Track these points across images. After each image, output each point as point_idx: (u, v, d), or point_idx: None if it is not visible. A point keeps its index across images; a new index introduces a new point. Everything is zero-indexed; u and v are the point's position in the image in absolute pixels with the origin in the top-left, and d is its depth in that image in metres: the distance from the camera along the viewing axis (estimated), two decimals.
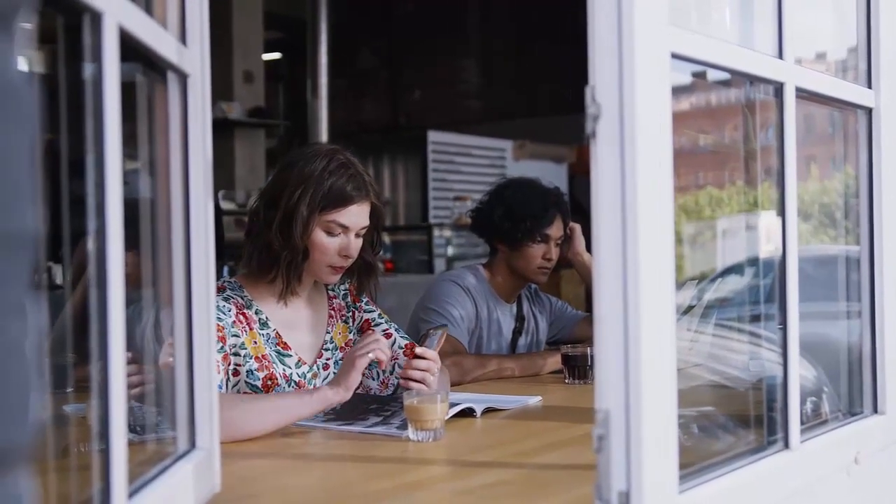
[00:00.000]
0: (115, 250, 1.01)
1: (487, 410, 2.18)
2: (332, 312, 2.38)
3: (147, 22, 1.16)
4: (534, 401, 2.35)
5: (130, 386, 1.42)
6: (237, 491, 1.50)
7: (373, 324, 2.41)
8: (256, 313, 2.22)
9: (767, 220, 1.87)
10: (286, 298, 2.25)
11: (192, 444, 1.37)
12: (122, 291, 1.03)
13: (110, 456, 1.01)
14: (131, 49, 1.11)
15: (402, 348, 2.36)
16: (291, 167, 2.19)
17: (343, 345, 2.36)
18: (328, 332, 2.35)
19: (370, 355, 2.00)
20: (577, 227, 3.11)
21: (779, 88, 1.52)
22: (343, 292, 2.43)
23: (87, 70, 1.02)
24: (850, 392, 1.87)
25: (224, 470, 1.45)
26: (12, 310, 0.56)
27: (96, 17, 0.99)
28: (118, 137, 1.03)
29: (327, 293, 2.40)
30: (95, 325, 1.00)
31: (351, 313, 2.41)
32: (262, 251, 2.19)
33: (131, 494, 1.08)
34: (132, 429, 1.25)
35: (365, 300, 2.45)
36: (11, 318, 0.56)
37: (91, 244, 1.02)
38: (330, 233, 2.19)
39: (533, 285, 3.18)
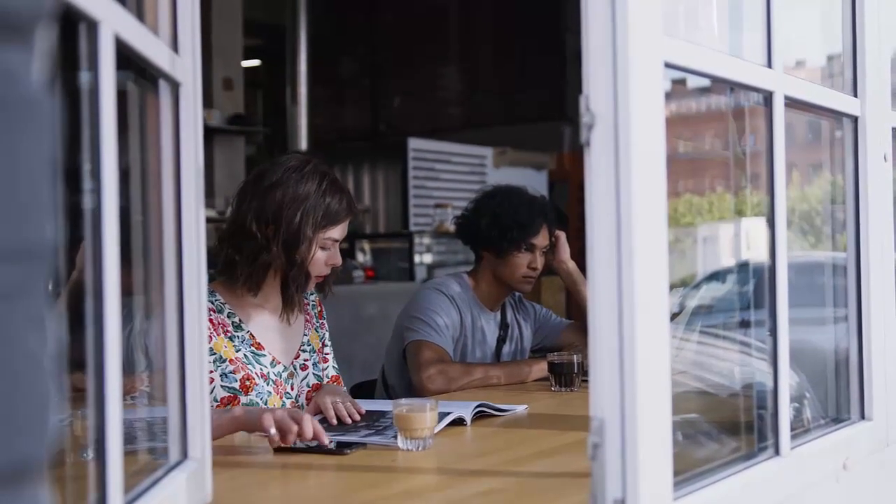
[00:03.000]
0: (110, 258, 1.01)
1: (479, 415, 2.18)
2: (308, 317, 2.46)
3: (142, 31, 1.16)
4: (521, 409, 2.35)
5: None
6: (228, 501, 1.49)
7: (326, 341, 2.52)
8: (229, 316, 2.27)
9: (749, 226, 1.88)
10: (288, 316, 2.33)
11: (184, 455, 1.36)
12: (118, 300, 1.02)
13: (106, 467, 1.00)
14: (124, 57, 1.10)
15: (328, 378, 2.43)
16: (284, 186, 2.23)
17: (318, 349, 2.45)
18: (305, 335, 2.42)
19: (272, 432, 1.82)
20: (562, 235, 3.12)
21: (768, 97, 1.53)
22: (312, 302, 2.50)
23: (83, 78, 1.01)
24: (838, 398, 1.88)
25: (215, 480, 1.44)
26: (32, 321, 0.55)
27: (92, 26, 0.99)
28: (114, 145, 1.02)
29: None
30: (91, 334, 0.99)
31: (320, 323, 2.51)
32: (261, 270, 2.25)
33: None
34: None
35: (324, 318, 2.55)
36: (31, 329, 0.55)
37: (86, 253, 1.01)
38: (324, 248, 2.29)
39: (517, 293, 3.18)
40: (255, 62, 10.39)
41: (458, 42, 9.98)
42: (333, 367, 2.51)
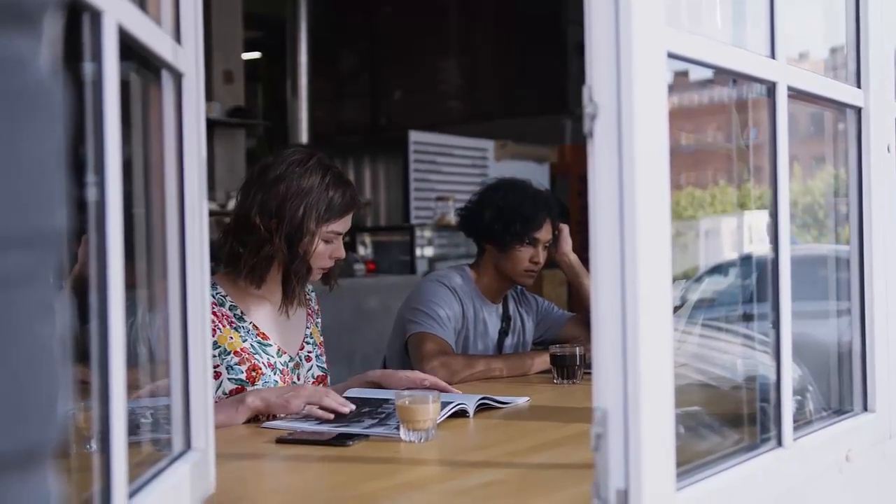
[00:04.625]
0: (114, 250, 1.00)
1: (481, 408, 2.19)
2: (310, 311, 2.49)
3: (145, 21, 1.15)
4: (523, 401, 2.35)
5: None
6: (232, 492, 1.49)
7: (320, 338, 2.54)
8: (231, 309, 2.28)
9: (752, 219, 1.88)
10: (288, 308, 2.35)
11: (188, 445, 1.36)
12: (122, 292, 1.02)
13: (111, 457, 1.00)
14: (126, 47, 1.10)
15: (314, 378, 2.43)
16: (288, 179, 2.25)
17: (318, 343, 2.48)
18: (307, 328, 2.45)
19: (304, 410, 2.06)
20: (565, 228, 3.11)
21: (771, 88, 1.53)
22: (312, 298, 2.54)
23: (87, 68, 1.01)
24: (841, 390, 1.88)
25: (218, 471, 1.45)
26: (41, 308, 0.56)
27: (96, 16, 0.98)
28: (118, 137, 1.02)
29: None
30: (96, 326, 0.99)
31: (319, 320, 2.53)
32: (264, 262, 2.27)
33: (130, 495, 1.07)
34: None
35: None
36: (40, 316, 0.55)
37: (91, 245, 1.01)
38: (327, 241, 2.30)
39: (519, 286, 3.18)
40: (256, 55, 10.38)
41: (458, 35, 9.98)
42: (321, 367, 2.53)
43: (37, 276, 0.56)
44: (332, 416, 2.03)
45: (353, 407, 2.08)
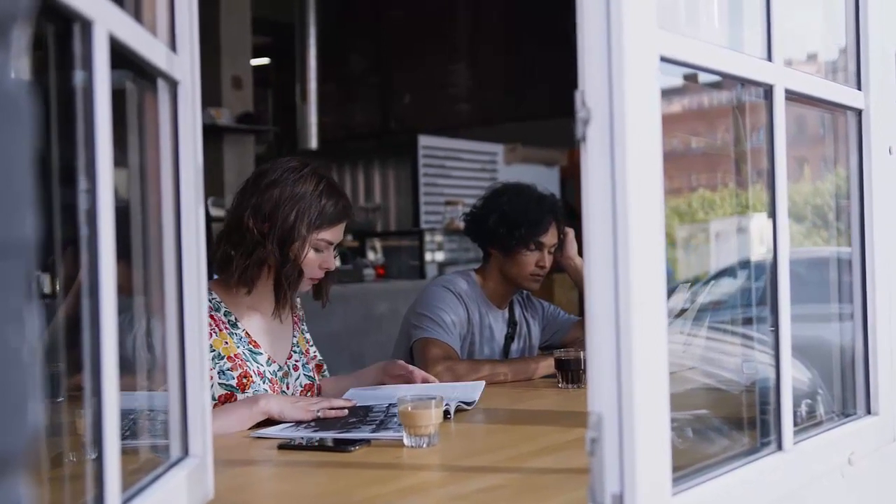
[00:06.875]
0: (106, 259, 1.01)
1: (459, 410, 2.23)
2: (296, 320, 2.50)
3: (137, 29, 1.16)
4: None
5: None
6: (230, 499, 1.49)
7: (310, 341, 2.57)
8: (226, 315, 2.31)
9: (759, 222, 1.87)
10: (280, 314, 2.36)
11: (185, 452, 1.37)
12: (115, 300, 1.02)
13: (104, 464, 1.00)
14: (120, 56, 1.11)
15: (301, 387, 2.45)
16: (282, 185, 2.28)
17: (304, 352, 2.49)
18: (294, 336, 2.47)
19: (318, 414, 2.14)
20: (571, 232, 3.11)
21: (768, 90, 1.52)
22: (298, 306, 2.56)
23: (78, 77, 1.01)
24: (843, 393, 1.87)
25: (217, 478, 1.45)
26: (11, 316, 0.56)
27: (87, 25, 0.99)
28: (109, 145, 1.02)
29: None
30: (88, 334, 1.00)
31: (304, 326, 2.55)
32: (255, 266, 2.28)
33: (125, 502, 1.08)
34: (123, 436, 1.25)
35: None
36: (10, 324, 0.56)
37: (82, 253, 1.01)
38: (317, 249, 2.32)
39: (525, 290, 3.18)
40: (265, 60, 10.39)
41: (466, 38, 9.97)
42: (307, 374, 2.53)
43: (6, 283, 0.56)
44: (345, 412, 2.14)
45: (356, 402, 2.20)
